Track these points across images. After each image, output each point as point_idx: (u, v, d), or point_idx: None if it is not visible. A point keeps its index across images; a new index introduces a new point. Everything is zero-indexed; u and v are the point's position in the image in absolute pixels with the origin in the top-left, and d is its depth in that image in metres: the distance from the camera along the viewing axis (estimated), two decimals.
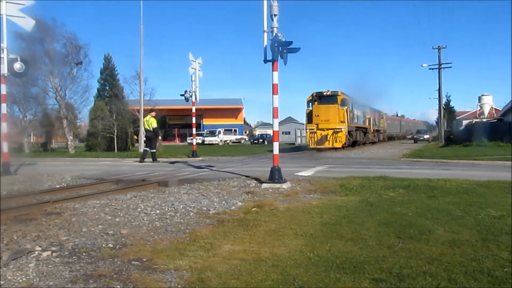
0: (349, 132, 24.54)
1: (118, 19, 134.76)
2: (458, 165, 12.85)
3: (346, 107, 24.21)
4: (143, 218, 5.44)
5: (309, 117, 24.58)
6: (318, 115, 23.82)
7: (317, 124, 23.75)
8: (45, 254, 3.87)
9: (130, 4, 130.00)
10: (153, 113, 16.81)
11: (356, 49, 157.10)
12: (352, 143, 26.17)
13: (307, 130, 24.50)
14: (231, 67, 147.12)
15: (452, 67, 60.11)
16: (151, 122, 15.84)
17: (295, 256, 3.76)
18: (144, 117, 16.81)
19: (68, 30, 27.84)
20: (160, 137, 17.10)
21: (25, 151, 24.95)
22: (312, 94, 24.94)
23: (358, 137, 27.81)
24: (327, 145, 23.45)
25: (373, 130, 34.38)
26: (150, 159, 15.63)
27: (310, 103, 24.93)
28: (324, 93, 24.46)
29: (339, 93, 24.56)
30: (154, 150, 15.96)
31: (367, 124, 31.56)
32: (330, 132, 23.42)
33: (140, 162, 15.21)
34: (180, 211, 5.83)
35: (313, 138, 23.82)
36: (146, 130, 16.08)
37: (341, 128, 23.39)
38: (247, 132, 78.20)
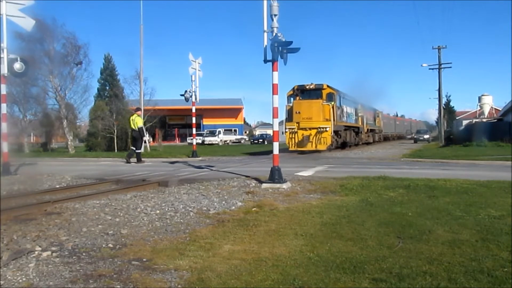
0: (336, 132, 21.46)
1: (118, 19, 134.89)
2: (458, 165, 12.85)
3: (332, 103, 20.95)
4: (143, 218, 5.44)
5: (289, 114, 21.22)
6: (299, 112, 20.31)
7: (298, 123, 20.31)
8: (45, 254, 3.87)
9: (130, 4, 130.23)
10: (139, 112, 16.30)
11: (356, 49, 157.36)
12: (341, 145, 23.44)
13: (287, 130, 20.92)
14: (231, 67, 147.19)
15: (452, 67, 60.27)
16: (137, 121, 15.29)
17: (295, 256, 3.76)
18: (130, 116, 16.05)
19: (68, 30, 27.79)
20: (148, 137, 16.28)
21: (25, 151, 24.95)
22: (293, 88, 21.74)
23: (348, 138, 24.77)
24: (309, 147, 20.17)
25: (367, 129, 31.20)
26: (135, 159, 15.08)
27: (291, 98, 21.66)
28: (307, 87, 21.31)
29: (325, 87, 21.40)
30: (140, 151, 15.53)
31: (360, 123, 28.35)
32: (313, 132, 20.04)
33: (127, 162, 14.82)
34: (180, 211, 5.83)
35: (293, 139, 20.31)
36: (132, 130, 15.49)
37: (326, 128, 20.02)
38: (247, 132, 78.20)
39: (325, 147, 20.32)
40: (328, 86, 21.60)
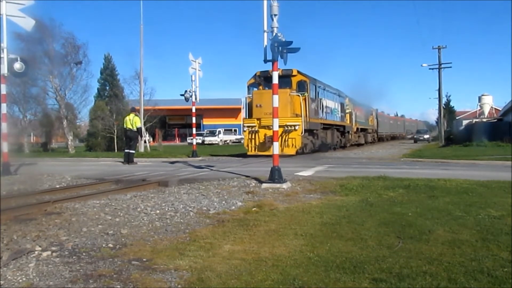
0: (310, 131, 17.43)
1: (118, 19, 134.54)
2: (458, 165, 12.84)
3: (304, 94, 16.75)
4: (143, 218, 5.44)
5: (249, 108, 17.01)
6: (260, 106, 15.91)
7: (259, 120, 16.12)
8: (45, 254, 3.87)
9: (130, 4, 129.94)
10: (136, 112, 15.94)
11: (356, 49, 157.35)
12: (319, 147, 19.31)
13: (245, 129, 16.78)
14: (231, 67, 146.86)
15: (452, 67, 60.31)
16: (136, 121, 14.87)
17: (295, 256, 3.76)
18: (127, 116, 15.46)
19: (66, 30, 27.92)
20: (148, 137, 15.81)
21: (25, 151, 24.96)
22: (255, 74, 17.24)
23: (329, 139, 20.67)
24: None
25: (356, 129, 27.33)
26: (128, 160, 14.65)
27: (253, 88, 17.11)
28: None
29: (295, 73, 17.04)
30: (134, 152, 15.22)
31: (347, 121, 24.24)
32: (279, 131, 15.52)
33: (130, 164, 14.50)
34: (180, 211, 5.83)
35: (253, 141, 16.13)
36: (129, 130, 14.88)
37: (295, 126, 15.86)
38: None
39: (293, 151, 16.25)
40: (299, 72, 17.35)
